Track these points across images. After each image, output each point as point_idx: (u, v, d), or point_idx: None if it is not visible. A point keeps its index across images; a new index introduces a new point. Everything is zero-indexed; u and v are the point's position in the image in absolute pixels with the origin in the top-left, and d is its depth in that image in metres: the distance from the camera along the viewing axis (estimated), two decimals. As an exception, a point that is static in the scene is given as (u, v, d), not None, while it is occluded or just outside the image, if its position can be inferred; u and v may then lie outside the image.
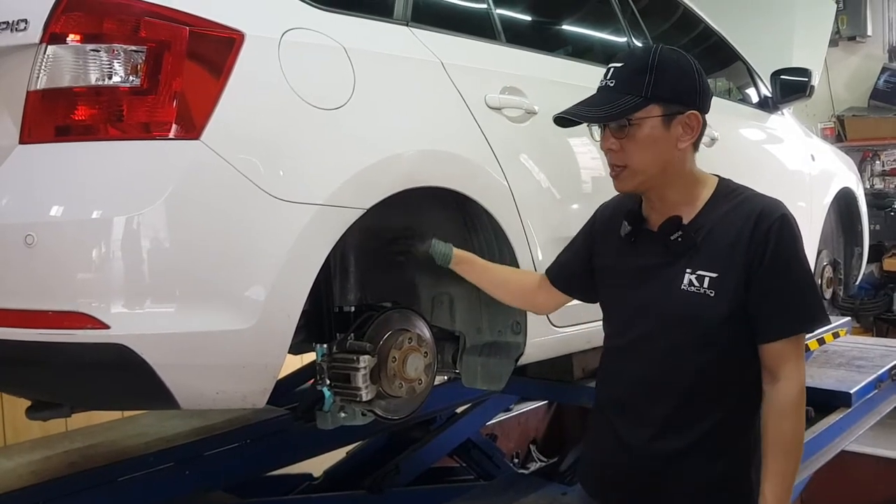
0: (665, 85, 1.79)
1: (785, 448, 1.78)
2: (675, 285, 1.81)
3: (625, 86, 1.80)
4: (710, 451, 1.83)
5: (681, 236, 1.81)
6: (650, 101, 1.78)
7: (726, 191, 1.87)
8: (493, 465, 4.39)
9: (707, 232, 1.81)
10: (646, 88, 1.78)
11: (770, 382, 1.80)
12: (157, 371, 1.65)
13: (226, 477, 3.13)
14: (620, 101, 1.78)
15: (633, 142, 1.80)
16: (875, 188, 8.42)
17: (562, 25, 3.20)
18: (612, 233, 1.97)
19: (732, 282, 1.76)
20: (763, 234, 1.75)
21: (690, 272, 1.80)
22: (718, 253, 1.78)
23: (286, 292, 1.79)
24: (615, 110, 1.78)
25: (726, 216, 1.81)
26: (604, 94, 1.82)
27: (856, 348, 4.68)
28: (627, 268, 1.92)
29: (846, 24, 8.45)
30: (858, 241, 4.84)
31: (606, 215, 2.04)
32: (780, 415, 1.77)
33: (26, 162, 1.70)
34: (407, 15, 2.23)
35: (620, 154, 1.82)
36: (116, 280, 1.63)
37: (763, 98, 4.02)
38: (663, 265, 1.84)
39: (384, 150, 1.99)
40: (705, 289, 1.78)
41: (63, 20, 1.69)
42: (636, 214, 1.92)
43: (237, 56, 1.75)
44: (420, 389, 2.20)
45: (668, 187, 1.85)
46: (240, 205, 1.72)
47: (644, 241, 1.89)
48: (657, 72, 1.78)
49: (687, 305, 1.80)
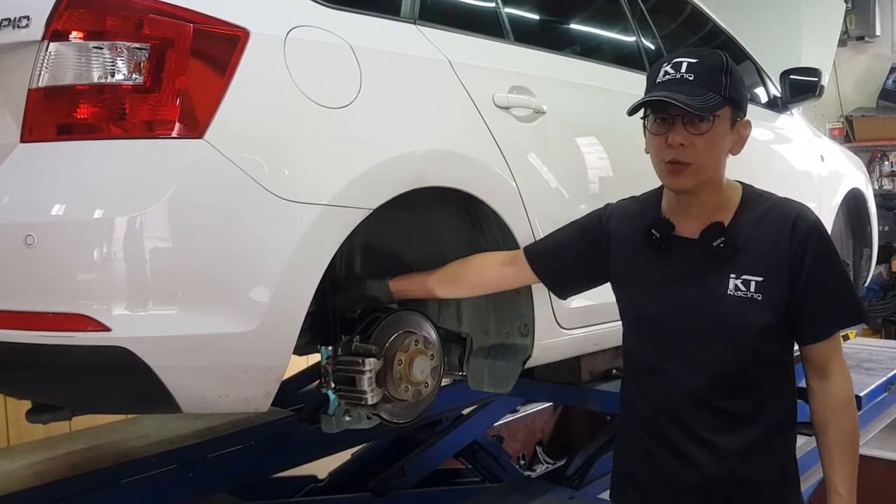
0: (736, 89, 1.81)
1: (849, 442, 1.84)
2: (720, 291, 1.82)
3: (706, 82, 1.77)
4: (766, 452, 1.85)
5: (723, 242, 1.81)
6: (727, 102, 1.79)
7: (754, 195, 1.89)
8: (500, 467, 4.36)
9: (746, 236, 1.82)
10: (725, 89, 1.78)
11: (819, 380, 1.85)
12: (159, 374, 1.63)
13: (230, 479, 3.10)
14: (707, 96, 1.76)
15: (707, 140, 1.78)
16: (884, 189, 8.41)
17: (570, 24, 3.17)
18: (627, 241, 1.96)
19: (777, 285, 1.79)
20: (801, 238, 1.79)
21: (735, 277, 1.81)
22: (760, 257, 1.80)
23: (290, 294, 1.76)
24: (708, 103, 1.75)
25: (761, 221, 1.83)
26: (686, 87, 1.76)
27: (865, 350, 4.66)
28: (658, 277, 1.90)
29: (855, 24, 8.44)
30: (867, 242, 4.82)
31: (617, 223, 2.02)
32: (838, 410, 1.84)
33: (27, 161, 1.67)
34: (414, 13, 2.21)
35: (689, 151, 1.78)
36: (118, 281, 1.60)
37: (772, 98, 3.99)
38: (704, 272, 1.84)
39: (390, 149, 1.96)
40: (752, 293, 1.80)
41: (65, 17, 1.67)
42: (664, 222, 1.90)
43: (242, 54, 1.72)
44: (426, 392, 2.17)
45: (709, 191, 1.86)
46: (244, 205, 1.70)
47: (677, 249, 1.88)
48: (731, 74, 1.80)
49: (735, 310, 1.80)
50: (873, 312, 7.82)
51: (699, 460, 1.85)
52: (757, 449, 1.84)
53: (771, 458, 1.86)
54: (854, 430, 1.85)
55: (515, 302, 2.36)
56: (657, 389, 1.91)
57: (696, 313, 1.84)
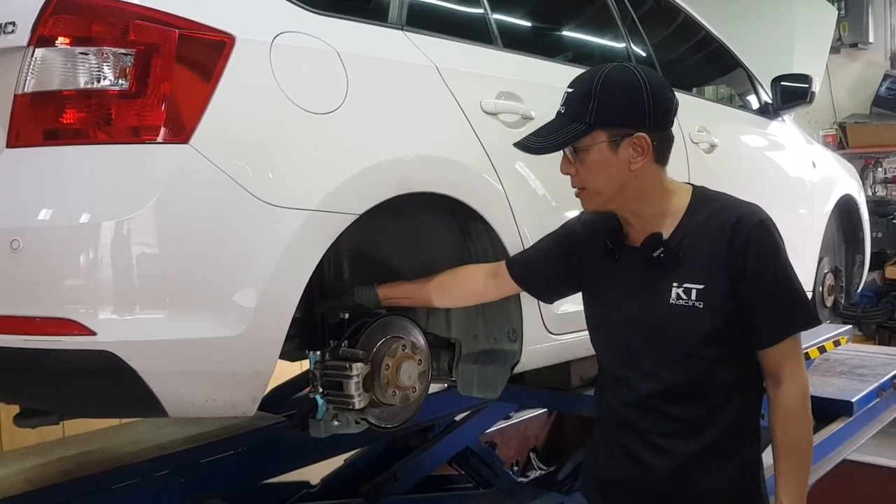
0: (609, 110, 1.78)
1: (796, 450, 1.80)
2: (664, 300, 1.82)
3: (571, 113, 1.82)
4: (720, 459, 1.84)
5: (663, 252, 1.82)
6: (594, 127, 1.79)
7: (702, 199, 1.87)
8: (493, 474, 4.36)
9: (688, 243, 1.82)
10: (590, 115, 1.79)
11: (774, 386, 1.82)
12: (145, 378, 1.63)
13: (222, 485, 3.10)
14: (566, 129, 1.81)
15: (584, 166, 1.83)
16: (877, 196, 8.43)
17: (559, 31, 3.18)
18: (594, 250, 1.98)
19: (719, 291, 1.78)
20: (742, 241, 1.76)
21: (677, 286, 1.81)
22: (701, 264, 1.79)
23: (277, 299, 1.77)
24: (559, 140, 1.83)
25: (705, 225, 1.82)
26: (556, 122, 1.86)
27: (857, 356, 4.67)
28: (614, 286, 1.93)
29: (848, 31, 8.46)
30: (860, 248, 4.82)
31: (587, 231, 2.04)
32: (787, 417, 1.80)
33: (13, 166, 1.68)
34: (402, 19, 2.21)
35: (577, 178, 1.87)
36: (104, 286, 1.61)
37: (764, 104, 4.00)
38: (650, 281, 1.85)
39: (377, 154, 1.96)
40: (693, 301, 1.79)
41: (52, 23, 1.67)
42: (616, 232, 1.93)
43: (227, 59, 1.73)
44: (414, 397, 2.17)
45: (638, 204, 1.86)
46: (230, 210, 1.70)
47: (627, 259, 1.90)
48: (600, 97, 1.78)
49: (678, 319, 1.80)
50: (867, 319, 7.85)
51: (652, 464, 1.87)
52: (709, 455, 1.83)
53: (725, 466, 1.85)
54: (804, 438, 1.82)
55: (504, 307, 2.36)
56: (616, 395, 1.93)
57: (645, 322, 1.85)
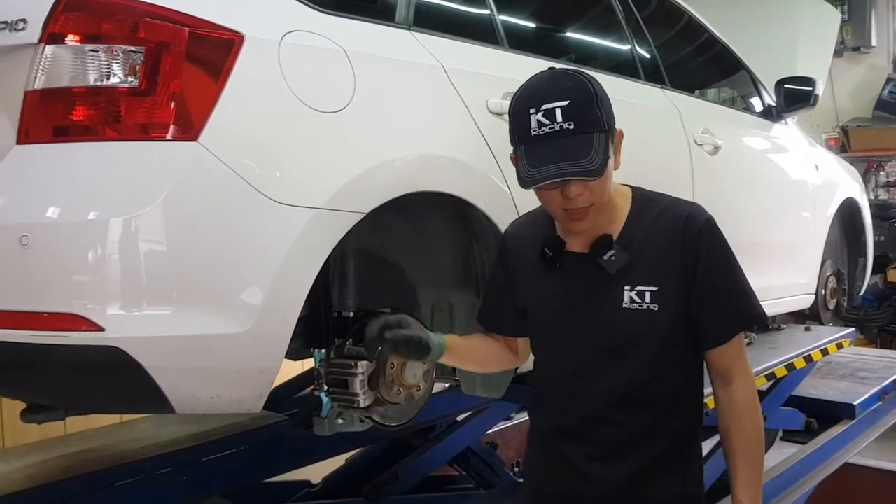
0: (608, 110, 1.70)
1: (750, 448, 1.78)
2: (615, 305, 1.77)
3: (587, 126, 1.65)
4: (671, 466, 1.81)
5: (614, 254, 1.75)
6: (609, 133, 1.69)
7: (644, 199, 1.83)
8: (493, 474, 4.35)
9: (637, 245, 1.77)
10: (603, 121, 1.67)
11: (724, 385, 1.80)
12: (152, 374, 1.64)
13: (224, 483, 3.10)
14: (594, 142, 1.64)
15: (604, 178, 1.69)
16: (879, 199, 8.41)
17: (564, 32, 3.18)
18: (526, 262, 1.90)
19: (673, 292, 1.75)
20: (693, 239, 1.74)
21: (629, 289, 1.76)
22: (654, 265, 1.76)
23: (283, 296, 1.77)
24: (600, 153, 1.64)
25: (653, 226, 1.78)
26: (569, 140, 1.64)
27: (860, 360, 4.68)
28: (556, 296, 1.85)
29: (851, 35, 8.45)
30: (862, 251, 4.83)
31: (513, 244, 1.96)
32: (742, 414, 1.78)
33: (23, 162, 1.69)
34: (409, 19, 2.22)
35: (587, 195, 1.69)
36: (112, 282, 1.61)
37: (767, 107, 4.00)
38: (598, 287, 1.78)
39: (384, 153, 1.97)
40: (648, 303, 1.75)
41: (62, 20, 1.68)
42: (555, 240, 1.85)
43: (236, 58, 1.74)
44: (418, 396, 2.18)
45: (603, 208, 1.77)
46: (237, 207, 1.71)
47: (569, 265, 1.82)
48: (601, 100, 1.69)
49: (633, 323, 1.76)
50: (869, 322, 7.85)
51: (602, 476, 1.80)
52: (660, 463, 1.79)
53: (675, 473, 1.82)
54: (757, 436, 1.79)
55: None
56: (562, 405, 1.86)
57: (593, 329, 1.79)
